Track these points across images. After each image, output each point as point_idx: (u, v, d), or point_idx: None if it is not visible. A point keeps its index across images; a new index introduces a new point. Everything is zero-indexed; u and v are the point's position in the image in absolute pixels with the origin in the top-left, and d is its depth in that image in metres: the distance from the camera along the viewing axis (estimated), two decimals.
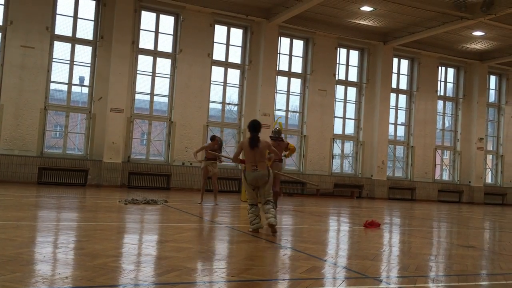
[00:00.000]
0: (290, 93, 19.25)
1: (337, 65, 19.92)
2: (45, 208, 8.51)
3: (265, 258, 4.87)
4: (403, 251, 5.86)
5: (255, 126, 6.53)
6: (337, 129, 20.07)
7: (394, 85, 20.95)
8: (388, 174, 20.64)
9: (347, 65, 20.37)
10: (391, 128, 20.95)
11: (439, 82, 22.08)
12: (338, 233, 7.84)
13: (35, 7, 15.10)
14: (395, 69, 21.08)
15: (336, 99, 19.93)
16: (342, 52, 20.20)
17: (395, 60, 21.03)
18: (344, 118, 20.25)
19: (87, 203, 10.33)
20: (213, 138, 11.33)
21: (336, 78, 19.82)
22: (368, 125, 20.19)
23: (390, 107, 20.61)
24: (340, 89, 20.17)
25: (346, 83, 20.31)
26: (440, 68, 22.08)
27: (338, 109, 20.09)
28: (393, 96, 20.93)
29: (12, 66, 14.88)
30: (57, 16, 15.69)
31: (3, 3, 14.99)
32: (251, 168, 6.45)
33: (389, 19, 18.02)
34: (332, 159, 19.72)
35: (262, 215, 6.58)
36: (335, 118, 19.88)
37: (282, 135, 11.88)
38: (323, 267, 4.51)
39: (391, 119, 20.85)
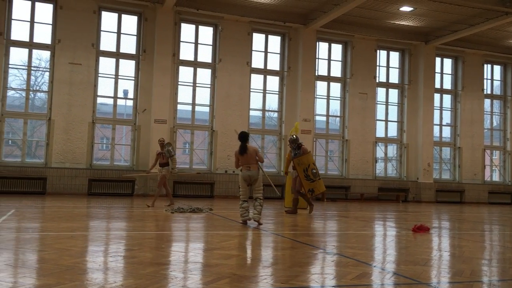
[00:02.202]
0: (330, 97, 19.13)
1: (377, 67, 19.65)
2: (97, 218, 8.81)
3: (313, 264, 4.86)
4: (455, 256, 5.70)
5: (242, 137, 8.26)
6: (380, 132, 19.75)
7: (437, 85, 20.46)
8: (435, 176, 20.11)
9: (388, 67, 20.06)
10: (436, 129, 20.43)
11: (485, 80, 21.37)
12: (386, 238, 7.70)
13: (80, 25, 15.73)
14: (438, 69, 20.58)
15: (378, 102, 19.65)
16: (382, 54, 19.92)
17: (438, 59, 20.53)
18: (386, 120, 19.92)
19: (135, 212, 10.60)
20: (159, 140, 11.97)
21: (377, 81, 19.55)
22: (411, 127, 19.77)
23: (434, 107, 20.12)
24: (381, 91, 19.88)
25: (388, 85, 19.99)
26: (485, 65, 21.36)
27: (380, 112, 19.80)
28: (437, 96, 20.43)
29: (61, 82, 15.53)
30: (101, 32, 16.27)
31: (51, 23, 15.69)
32: (245, 168, 8.14)
33: (430, 18, 17.63)
34: (376, 162, 19.41)
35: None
36: (377, 121, 19.59)
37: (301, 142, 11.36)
38: (373, 273, 4.45)
39: (436, 120, 20.33)
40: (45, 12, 15.78)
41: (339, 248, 6.06)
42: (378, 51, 19.60)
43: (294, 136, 11.13)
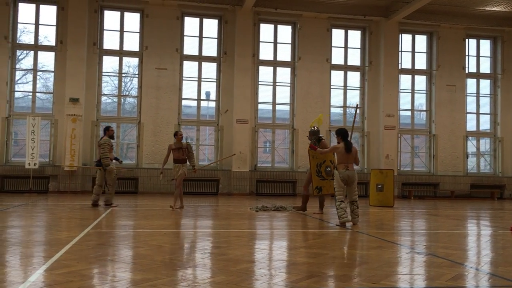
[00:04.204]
0: (415, 91, 18.39)
1: (466, 57, 18.55)
2: (185, 216, 9.17)
3: (404, 264, 4.70)
4: None
5: (346, 134, 7.95)
6: (470, 126, 18.64)
7: None
8: None
9: (478, 56, 18.87)
10: None
11: None
12: (481, 238, 7.26)
13: (166, 32, 16.46)
14: None
15: (468, 94, 18.55)
16: (471, 43, 18.77)
17: None
18: (477, 113, 18.76)
19: (221, 211, 10.90)
20: (176, 133, 10.50)
21: (466, 71, 18.47)
22: (506, 119, 18.44)
23: None
24: (471, 82, 18.75)
25: (478, 75, 18.81)
26: None
27: (470, 104, 18.67)
28: None
29: (148, 87, 16.36)
30: (185, 37, 16.91)
31: (138, 31, 16.58)
32: (343, 167, 7.71)
33: None
34: (467, 158, 18.34)
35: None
36: (467, 114, 18.50)
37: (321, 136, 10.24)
38: (470, 274, 4.22)
39: None
40: (133, 21, 16.71)
41: (430, 247, 5.81)
42: (466, 40, 18.50)
43: (315, 127, 10.09)
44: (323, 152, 8.50)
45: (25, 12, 16.13)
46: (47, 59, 16.31)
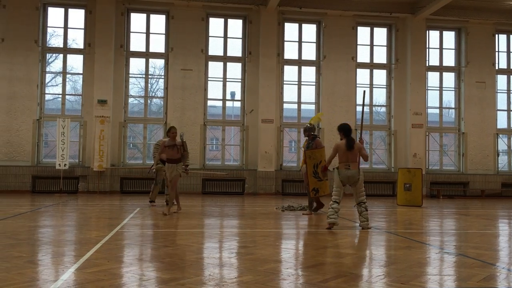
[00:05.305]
0: (443, 88, 18.04)
1: (497, 53, 18.10)
2: (212, 216, 9.23)
3: (433, 265, 4.63)
4: None
5: (348, 130, 7.36)
6: (501, 123, 18.17)
7: None
8: None
9: (509, 52, 18.38)
10: None
11: None
12: None
13: (191, 33, 16.58)
14: None
15: (498, 91, 18.10)
16: (502, 38, 18.30)
17: None
18: (508, 110, 18.27)
19: (247, 210, 10.93)
20: (169, 130, 9.26)
21: (497, 68, 18.02)
22: None
23: None
24: (501, 79, 18.28)
25: (509, 71, 18.32)
26: None
27: (501, 101, 18.21)
28: None
29: (174, 88, 16.53)
30: (209, 38, 17.01)
31: (164, 32, 16.76)
32: (344, 167, 7.14)
33: None
34: (498, 156, 17.89)
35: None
36: (498, 111, 18.05)
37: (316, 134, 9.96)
38: (502, 275, 4.12)
39: None
40: (159, 23, 16.90)
41: (460, 248, 5.70)
42: (496, 35, 18.05)
43: (309, 124, 9.82)
44: (330, 158, 7.55)
45: (54, 16, 16.51)
46: (75, 62, 16.65)
